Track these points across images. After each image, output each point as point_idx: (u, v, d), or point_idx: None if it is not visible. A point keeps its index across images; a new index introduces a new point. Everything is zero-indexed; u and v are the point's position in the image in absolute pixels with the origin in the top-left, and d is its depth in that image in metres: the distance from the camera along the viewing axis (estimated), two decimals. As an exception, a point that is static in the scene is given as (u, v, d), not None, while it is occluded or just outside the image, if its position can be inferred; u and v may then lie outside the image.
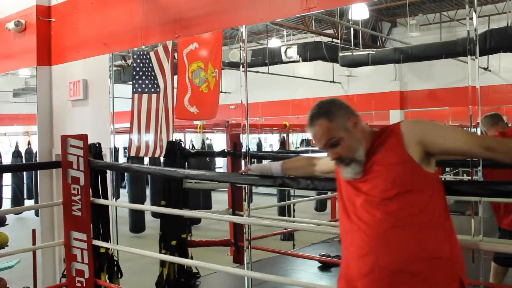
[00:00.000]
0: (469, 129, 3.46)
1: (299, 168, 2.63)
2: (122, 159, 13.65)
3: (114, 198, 5.30)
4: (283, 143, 12.12)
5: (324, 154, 2.22)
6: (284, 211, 9.13)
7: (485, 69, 13.59)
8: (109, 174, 4.67)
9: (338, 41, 12.46)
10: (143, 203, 10.19)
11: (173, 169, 3.80)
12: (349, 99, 15.72)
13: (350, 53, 11.77)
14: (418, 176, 1.92)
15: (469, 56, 3.25)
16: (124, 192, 11.50)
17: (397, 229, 1.90)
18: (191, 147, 13.44)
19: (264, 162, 2.76)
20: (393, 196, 1.91)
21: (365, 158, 2.01)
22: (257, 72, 13.76)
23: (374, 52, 12.03)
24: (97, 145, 4.30)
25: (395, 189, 1.91)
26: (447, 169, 9.84)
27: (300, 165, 2.64)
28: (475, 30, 3.23)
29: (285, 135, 12.56)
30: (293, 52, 11.92)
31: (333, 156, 2.04)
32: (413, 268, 1.88)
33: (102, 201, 4.22)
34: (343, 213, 2.10)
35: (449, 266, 1.91)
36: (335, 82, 16.01)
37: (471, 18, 3.30)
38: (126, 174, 11.40)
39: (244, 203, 4.46)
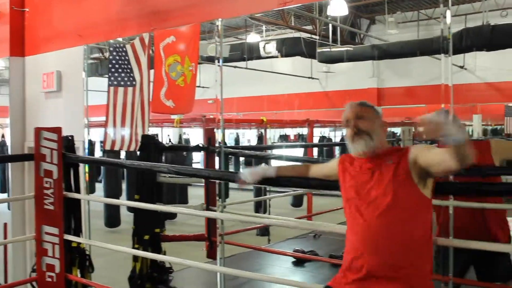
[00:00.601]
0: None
1: (294, 174, 2.74)
2: (99, 153, 13.53)
3: (87, 192, 5.24)
4: (261, 138, 12.13)
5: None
6: (260, 207, 9.15)
7: (461, 67, 13.77)
8: (82, 167, 4.61)
9: (317, 37, 12.50)
10: (118, 198, 10.12)
11: (158, 164, 3.71)
12: (327, 95, 15.83)
13: (328, 49, 11.82)
14: (413, 195, 2.17)
15: (442, 54, 3.29)
16: (100, 186, 11.40)
17: (386, 238, 2.14)
18: (168, 142, 13.36)
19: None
20: (390, 207, 2.15)
21: (375, 153, 2.27)
22: (235, 67, 13.73)
23: (351, 49, 12.11)
24: (69, 138, 4.25)
25: (392, 201, 2.15)
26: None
27: (295, 171, 2.75)
28: (449, 28, 3.27)
29: (263, 130, 12.56)
30: (271, 48, 11.93)
31: (355, 125, 2.29)
32: (395, 274, 2.12)
33: (75, 195, 4.17)
34: (350, 212, 2.30)
35: (424, 277, 2.19)
36: (313, 78, 16.08)
37: (445, 17, 3.34)
38: (102, 168, 11.29)
39: (218, 198, 4.45)
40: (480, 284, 3.56)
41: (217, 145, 4.96)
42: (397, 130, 16.64)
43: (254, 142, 16.81)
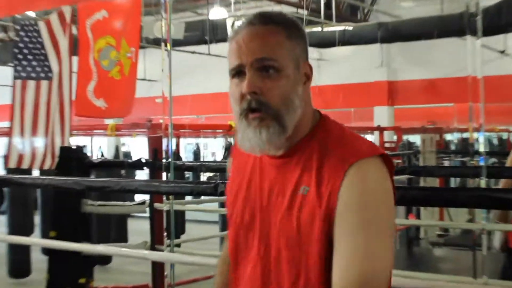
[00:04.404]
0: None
1: (225, 274, 2.13)
2: (1, 172, 13.38)
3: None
4: (229, 149, 12.15)
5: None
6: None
7: (502, 52, 14.00)
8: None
9: (305, 12, 12.61)
10: (29, 235, 9.98)
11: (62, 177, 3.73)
12: (318, 92, 15.95)
13: (319, 29, 11.93)
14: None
15: (468, 36, 3.35)
16: (4, 220, 11.26)
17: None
18: (99, 156, 13.28)
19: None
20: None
21: (284, 150, 1.68)
22: (193, 52, 13.77)
23: (351, 28, 12.23)
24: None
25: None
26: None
27: (224, 271, 2.12)
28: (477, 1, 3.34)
29: (232, 139, 12.60)
30: (243, 26, 12.00)
31: (251, 86, 1.59)
32: None
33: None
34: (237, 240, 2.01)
35: None
36: (300, 68, 16.18)
37: (473, -15, 3.41)
38: (6, 195, 11.17)
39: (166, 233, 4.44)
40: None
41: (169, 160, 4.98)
42: (416, 139, 16.82)
43: (220, 155, 16.82)
